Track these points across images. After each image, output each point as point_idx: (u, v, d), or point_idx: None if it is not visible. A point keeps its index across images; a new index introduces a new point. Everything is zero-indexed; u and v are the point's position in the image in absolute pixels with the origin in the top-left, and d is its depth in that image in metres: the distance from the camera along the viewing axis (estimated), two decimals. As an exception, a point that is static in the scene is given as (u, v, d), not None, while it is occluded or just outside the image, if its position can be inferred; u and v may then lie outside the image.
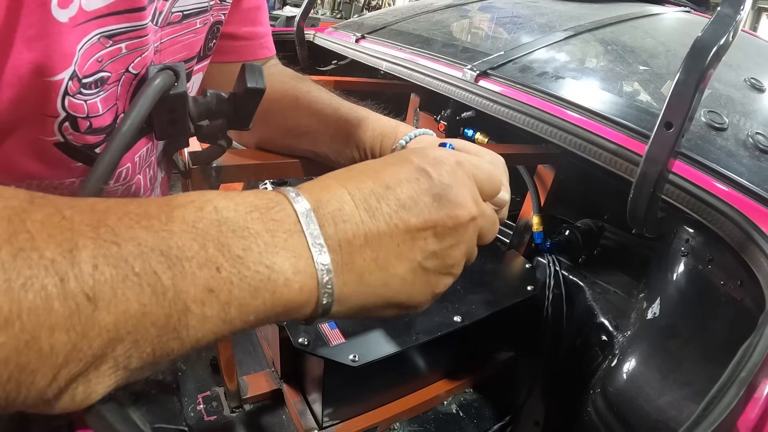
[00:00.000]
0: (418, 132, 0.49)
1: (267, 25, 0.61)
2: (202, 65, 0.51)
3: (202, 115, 0.38)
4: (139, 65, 0.36)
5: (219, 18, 0.50)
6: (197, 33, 0.46)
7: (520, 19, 1.12)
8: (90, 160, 0.35)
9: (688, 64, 0.48)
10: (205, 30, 0.47)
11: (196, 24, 0.45)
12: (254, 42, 0.59)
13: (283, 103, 0.56)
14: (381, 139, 0.51)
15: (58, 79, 0.30)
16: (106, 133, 0.35)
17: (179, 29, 0.42)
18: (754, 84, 0.79)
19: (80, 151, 0.35)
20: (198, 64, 0.49)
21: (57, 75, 0.29)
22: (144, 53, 0.36)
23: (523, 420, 0.80)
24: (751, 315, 0.46)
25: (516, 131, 0.75)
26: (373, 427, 0.71)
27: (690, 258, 0.59)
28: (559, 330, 0.80)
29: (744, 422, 0.35)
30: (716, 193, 0.53)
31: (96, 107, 0.34)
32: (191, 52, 0.46)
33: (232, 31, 0.56)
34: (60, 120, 0.32)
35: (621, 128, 0.63)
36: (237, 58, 0.57)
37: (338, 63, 1.33)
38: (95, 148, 0.35)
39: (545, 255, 0.85)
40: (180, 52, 0.44)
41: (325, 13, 6.76)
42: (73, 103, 0.31)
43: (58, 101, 0.31)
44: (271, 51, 0.62)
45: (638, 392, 0.55)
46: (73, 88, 0.31)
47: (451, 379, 0.80)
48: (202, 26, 0.46)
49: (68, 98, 0.31)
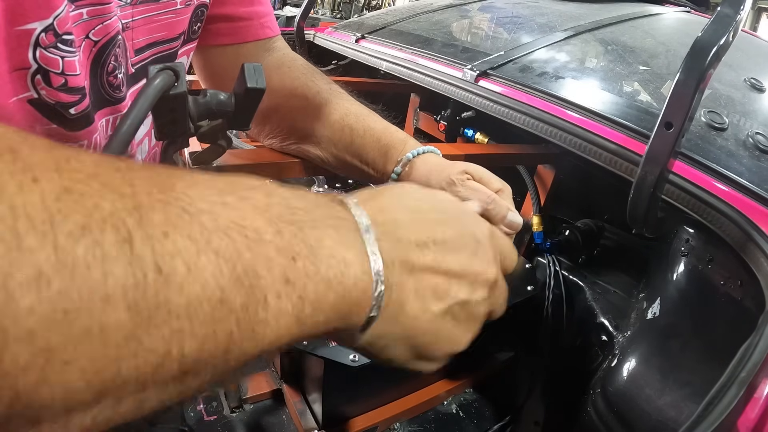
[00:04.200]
0: (426, 149, 0.49)
1: (268, 4, 0.59)
2: (187, 48, 0.50)
3: (202, 115, 0.38)
4: (99, 33, 0.36)
5: (203, 1, 0.49)
6: (178, 14, 0.45)
7: (520, 19, 1.12)
8: (64, 121, 0.35)
9: (688, 64, 0.48)
10: (188, 12, 0.47)
11: (176, 4, 0.44)
12: (254, 22, 0.57)
13: (293, 102, 0.55)
14: (386, 150, 0.50)
15: (29, 29, 0.29)
16: (81, 95, 0.35)
17: (156, 8, 0.42)
18: (754, 84, 0.79)
19: (54, 110, 0.34)
20: (183, 47, 0.48)
21: (28, 24, 0.29)
22: (105, 21, 0.35)
23: (523, 420, 0.80)
24: (751, 315, 0.46)
25: (516, 131, 0.75)
26: (373, 427, 0.71)
27: (690, 258, 0.59)
28: (559, 330, 0.80)
29: (744, 422, 0.35)
30: (716, 193, 0.53)
31: (73, 66, 0.33)
32: (171, 32, 0.45)
33: (231, 12, 0.54)
34: (32, 71, 0.31)
35: (621, 128, 0.63)
36: (238, 40, 0.56)
37: (338, 63, 1.33)
38: (69, 108, 0.35)
39: (545, 255, 0.85)
40: (157, 31, 0.44)
41: (325, 13, 6.75)
42: (45, 56, 0.31)
43: (29, 51, 0.30)
44: (273, 30, 0.60)
45: (638, 392, 0.55)
46: (45, 41, 0.31)
47: (451, 379, 0.80)
48: (183, 7, 0.45)
49: (40, 50, 0.31)
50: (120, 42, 0.39)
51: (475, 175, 0.45)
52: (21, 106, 0.32)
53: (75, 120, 0.36)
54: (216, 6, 0.52)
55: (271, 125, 0.57)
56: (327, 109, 0.54)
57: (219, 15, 0.53)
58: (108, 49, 0.37)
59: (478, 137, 0.94)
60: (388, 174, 0.50)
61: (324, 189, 0.83)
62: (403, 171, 0.50)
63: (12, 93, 0.31)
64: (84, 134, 0.37)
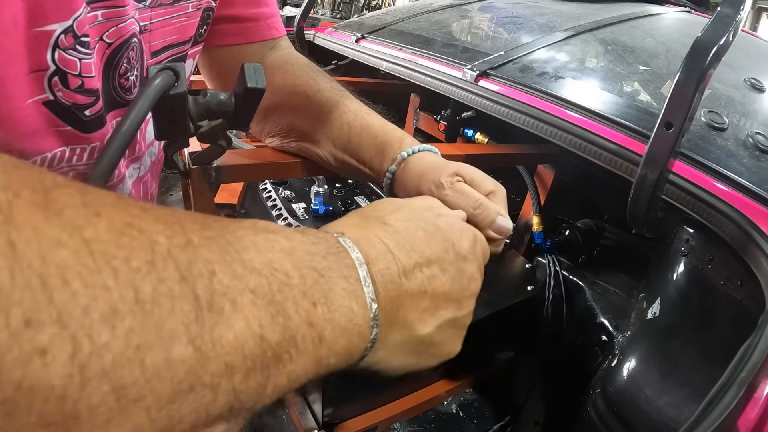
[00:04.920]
0: (422, 147, 0.48)
1: (274, 5, 0.60)
2: (195, 50, 0.50)
3: (202, 115, 0.38)
4: (113, 35, 0.36)
5: (210, 4, 0.49)
6: (189, 17, 0.46)
7: (520, 19, 1.12)
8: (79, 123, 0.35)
9: (688, 64, 0.47)
10: (197, 15, 0.47)
11: (188, 8, 0.45)
12: (261, 23, 0.58)
13: (294, 100, 0.55)
14: (383, 148, 0.50)
15: (49, 30, 0.29)
16: (96, 96, 0.35)
17: (171, 11, 0.42)
18: (754, 84, 0.79)
19: (70, 112, 0.34)
20: (191, 49, 0.49)
21: (47, 25, 0.29)
22: (120, 24, 0.35)
23: (523, 420, 0.80)
24: (751, 315, 0.46)
25: (516, 131, 0.75)
26: (373, 427, 0.71)
27: (690, 258, 0.59)
28: (559, 330, 0.80)
29: (744, 422, 0.35)
30: (716, 193, 0.53)
31: (90, 68, 0.33)
32: (183, 35, 0.46)
33: (238, 13, 0.55)
34: (50, 73, 0.31)
35: (621, 128, 0.63)
36: (244, 40, 0.56)
37: (338, 63, 1.33)
38: (85, 109, 0.35)
39: (545, 255, 0.85)
40: (172, 34, 0.44)
41: (325, 13, 6.75)
42: (64, 58, 0.31)
43: (48, 53, 0.30)
44: (279, 31, 0.60)
45: (638, 392, 0.55)
46: (65, 42, 0.31)
47: (451, 379, 0.80)
48: (194, 10, 0.46)
49: (59, 51, 0.31)
50: (135, 44, 0.39)
51: (466, 177, 0.43)
52: (36, 108, 0.32)
53: (89, 122, 0.36)
54: (223, 7, 0.53)
55: (272, 123, 0.57)
56: (327, 107, 0.54)
57: (226, 16, 0.53)
58: (121, 51, 0.37)
59: (478, 137, 0.94)
60: (384, 172, 0.49)
61: (324, 189, 0.83)
62: (398, 169, 0.48)
63: (28, 95, 0.31)
64: (97, 136, 0.38)
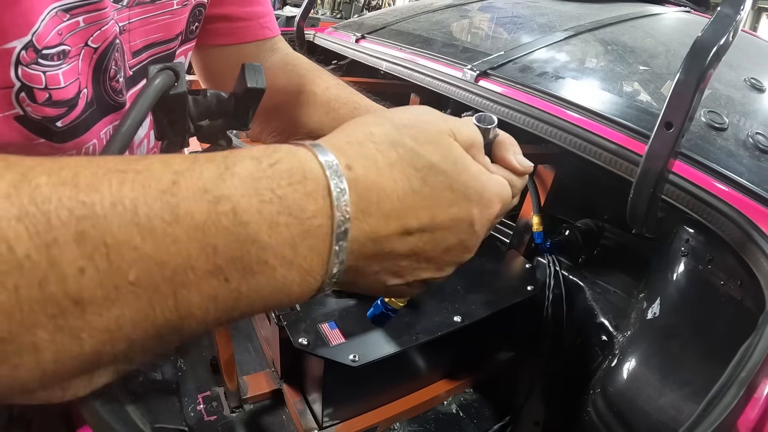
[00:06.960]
0: None
1: (267, 4, 0.59)
2: (185, 48, 0.50)
3: (202, 115, 0.38)
4: (98, 39, 0.36)
5: (201, 0, 0.48)
6: (174, 14, 0.45)
7: (520, 19, 1.12)
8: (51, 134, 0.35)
9: (688, 64, 0.48)
10: (185, 12, 0.46)
11: (172, 5, 0.44)
12: (254, 22, 0.57)
13: (300, 99, 0.55)
14: None
15: (9, 47, 0.29)
16: (68, 106, 0.35)
17: (152, 9, 0.42)
18: (754, 84, 0.79)
19: (41, 125, 0.34)
20: (180, 47, 0.48)
21: (7, 43, 0.29)
22: (103, 27, 0.35)
23: (523, 420, 0.80)
24: (751, 315, 0.46)
25: (516, 131, 0.75)
26: (373, 427, 0.71)
27: (690, 258, 0.59)
28: (559, 330, 0.80)
29: (744, 422, 0.35)
30: (716, 193, 0.53)
31: (57, 79, 0.33)
32: (168, 33, 0.45)
33: (230, 12, 0.54)
34: (16, 90, 0.31)
35: (621, 128, 0.63)
36: (237, 40, 0.56)
37: (338, 63, 1.33)
38: (56, 121, 0.35)
39: (545, 255, 0.85)
40: (154, 32, 0.43)
41: (325, 13, 6.75)
42: (27, 73, 0.31)
43: (11, 70, 0.30)
44: (273, 31, 0.59)
45: (638, 392, 0.55)
46: (26, 58, 0.31)
47: (451, 379, 0.80)
48: (180, 7, 0.45)
49: (21, 68, 0.31)
50: (118, 46, 0.39)
51: None
52: (7, 124, 0.32)
53: (62, 132, 0.36)
54: (214, 6, 0.52)
55: (278, 121, 0.57)
56: (335, 104, 0.54)
57: (218, 15, 0.53)
58: (108, 54, 0.37)
59: (478, 137, 0.94)
60: None
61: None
62: None
63: None
64: (72, 146, 0.37)
